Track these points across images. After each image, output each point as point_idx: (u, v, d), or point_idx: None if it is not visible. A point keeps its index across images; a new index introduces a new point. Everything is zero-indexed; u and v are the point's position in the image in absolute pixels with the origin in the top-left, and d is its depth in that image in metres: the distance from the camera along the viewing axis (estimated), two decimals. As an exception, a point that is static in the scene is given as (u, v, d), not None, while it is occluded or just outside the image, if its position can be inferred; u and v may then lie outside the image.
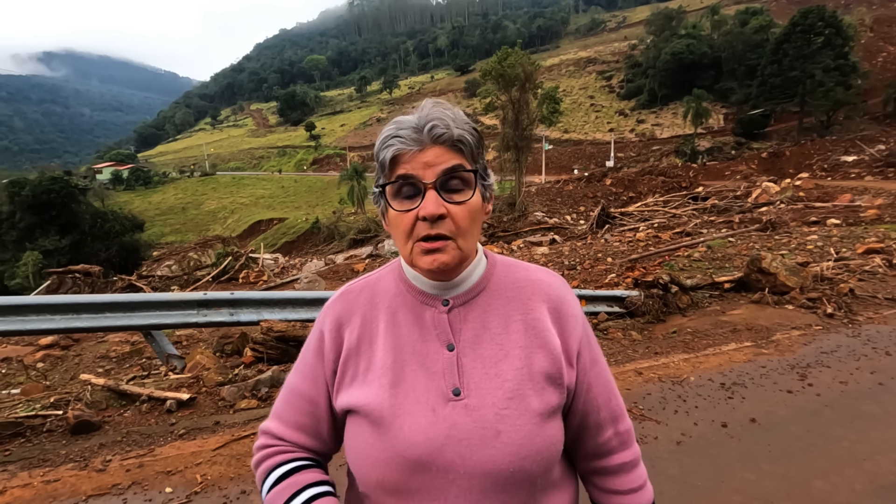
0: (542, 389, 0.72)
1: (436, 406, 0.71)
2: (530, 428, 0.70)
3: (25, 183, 27.16)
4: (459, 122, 0.71)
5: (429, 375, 0.73)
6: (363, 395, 0.75)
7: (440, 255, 0.71)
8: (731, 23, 61.50)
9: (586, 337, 0.80)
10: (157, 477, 2.45)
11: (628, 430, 0.83)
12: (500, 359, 0.73)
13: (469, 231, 0.72)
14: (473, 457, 0.68)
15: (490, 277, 0.80)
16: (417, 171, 0.69)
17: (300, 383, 0.82)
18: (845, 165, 26.42)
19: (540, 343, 0.75)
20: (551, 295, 0.79)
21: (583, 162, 50.58)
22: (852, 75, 39.02)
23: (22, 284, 22.56)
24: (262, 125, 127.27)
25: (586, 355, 0.79)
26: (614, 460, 0.81)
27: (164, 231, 54.77)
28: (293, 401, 0.82)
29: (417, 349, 0.75)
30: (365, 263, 13.47)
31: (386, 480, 0.72)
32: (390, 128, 0.72)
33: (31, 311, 3.55)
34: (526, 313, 0.76)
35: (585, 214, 19.67)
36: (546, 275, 0.82)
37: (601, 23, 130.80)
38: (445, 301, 0.77)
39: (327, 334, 0.81)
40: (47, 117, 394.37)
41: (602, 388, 0.80)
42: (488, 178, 0.77)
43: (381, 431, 0.72)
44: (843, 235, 8.79)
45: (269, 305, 4.16)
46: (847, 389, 3.26)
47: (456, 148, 0.71)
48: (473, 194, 0.71)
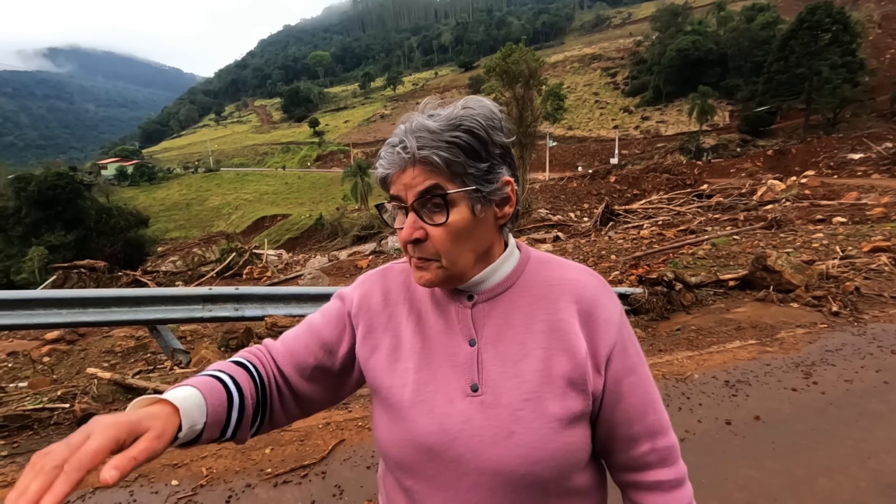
0: (562, 394, 0.70)
1: (453, 398, 0.71)
2: (545, 432, 0.68)
3: (31, 178, 27.29)
4: (434, 135, 0.66)
5: (451, 367, 0.73)
6: (387, 375, 0.76)
7: (424, 273, 0.71)
8: (738, 19, 61.05)
9: (622, 344, 0.74)
10: (163, 470, 2.47)
11: (670, 447, 0.77)
12: (521, 358, 0.72)
13: (452, 251, 0.69)
14: (484, 453, 0.68)
15: (520, 274, 0.77)
16: (401, 192, 0.69)
17: (322, 326, 0.83)
18: (852, 163, 26.24)
19: (562, 346, 0.71)
20: (584, 296, 0.74)
21: (587, 159, 50.45)
22: (860, 72, 38.73)
23: (28, 279, 22.70)
24: (266, 121, 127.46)
25: (619, 363, 0.73)
26: (650, 476, 0.76)
27: (168, 227, 55.03)
28: (304, 337, 0.82)
29: (443, 340, 0.75)
30: (368, 260, 13.49)
31: (403, 461, 0.74)
32: (387, 143, 0.71)
33: (39, 305, 3.57)
34: (552, 313, 0.73)
35: (589, 212, 19.62)
36: (582, 274, 0.77)
37: (606, 19, 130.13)
38: (470, 296, 0.76)
39: (362, 299, 0.82)
40: (52, 113, 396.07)
41: (637, 401, 0.75)
42: (490, 182, 0.69)
43: (400, 414, 0.74)
44: (848, 233, 8.74)
45: (273, 301, 4.17)
46: (852, 388, 3.25)
47: (432, 167, 0.66)
48: (449, 216, 0.67)
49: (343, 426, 2.91)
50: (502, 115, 0.72)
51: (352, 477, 2.42)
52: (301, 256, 17.75)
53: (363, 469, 2.49)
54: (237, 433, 0.72)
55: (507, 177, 0.71)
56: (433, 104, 0.71)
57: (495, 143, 0.70)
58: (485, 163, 0.69)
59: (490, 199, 0.70)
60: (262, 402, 0.76)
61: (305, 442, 2.73)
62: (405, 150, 0.67)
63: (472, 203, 0.69)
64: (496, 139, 0.70)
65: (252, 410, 0.73)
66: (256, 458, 2.58)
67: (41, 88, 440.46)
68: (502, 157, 0.71)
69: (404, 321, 0.79)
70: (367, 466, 2.51)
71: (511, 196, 0.73)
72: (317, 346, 0.81)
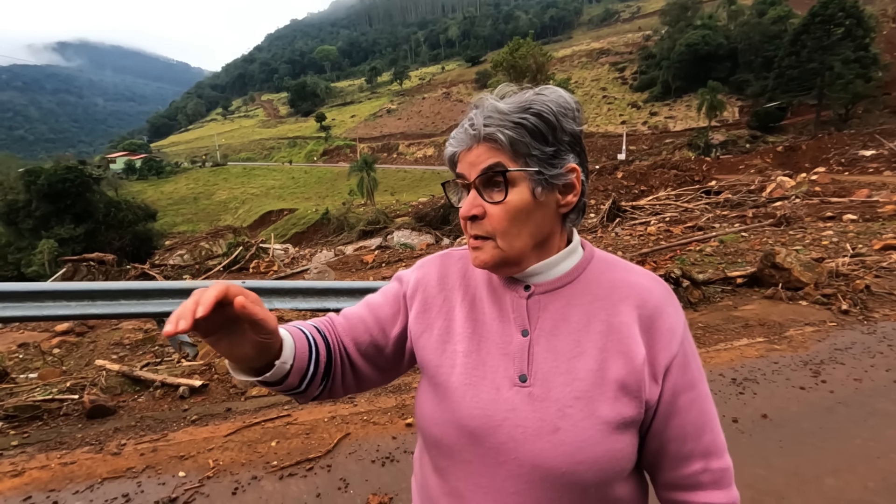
0: (615, 398, 0.68)
1: (501, 386, 0.71)
2: (593, 434, 0.67)
3: (41, 172, 27.54)
4: (502, 115, 0.67)
5: (501, 355, 0.73)
6: (437, 355, 0.77)
7: (479, 253, 0.72)
8: (749, 13, 60.28)
9: (683, 357, 0.72)
10: (170, 461, 2.49)
11: (725, 470, 0.74)
12: (575, 356, 0.70)
13: (509, 231, 0.69)
14: (526, 444, 0.68)
15: (581, 271, 0.76)
16: (465, 170, 0.71)
17: (380, 305, 0.85)
18: (863, 160, 25.87)
19: (620, 349, 0.70)
20: (649, 302, 0.72)
21: (594, 155, 50.11)
22: (873, 67, 38.15)
23: (38, 272, 22.94)
24: (273, 116, 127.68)
25: (678, 376, 0.71)
26: (701, 497, 0.73)
27: (176, 221, 55.37)
28: (363, 314, 0.84)
29: (495, 328, 0.75)
30: (374, 255, 13.50)
31: (442, 441, 0.74)
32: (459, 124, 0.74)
33: (49, 297, 3.61)
34: (612, 315, 0.72)
35: (596, 208, 19.51)
36: (649, 280, 0.76)
37: (615, 13, 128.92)
38: (527, 286, 0.75)
39: (419, 280, 0.84)
40: (62, 107, 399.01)
41: (695, 418, 0.72)
42: (554, 167, 0.69)
43: (446, 395, 0.74)
44: (859, 231, 8.63)
45: (280, 295, 4.19)
46: (861, 387, 3.21)
47: (496, 144, 0.68)
48: (507, 194, 0.68)
49: (348, 420, 2.92)
50: (578, 106, 0.72)
51: (357, 470, 2.43)
52: (307, 251, 17.82)
53: (368, 463, 2.50)
54: (309, 387, 0.75)
55: (572, 164, 0.71)
56: (509, 89, 0.73)
57: (564, 130, 0.70)
58: (551, 147, 0.69)
59: (552, 183, 0.70)
60: (328, 367, 0.78)
61: (311, 435, 2.75)
62: (472, 127, 0.69)
63: (533, 185, 0.69)
64: (566, 126, 0.70)
65: (323, 370, 0.76)
66: (262, 450, 2.60)
67: (51, 82, 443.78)
68: (571, 144, 0.71)
69: (458, 306, 0.79)
70: (372, 460, 2.52)
71: (576, 184, 0.72)
72: (373, 323, 0.83)
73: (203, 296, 0.56)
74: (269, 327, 0.62)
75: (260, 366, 0.67)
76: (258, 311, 0.60)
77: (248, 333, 0.62)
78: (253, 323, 0.60)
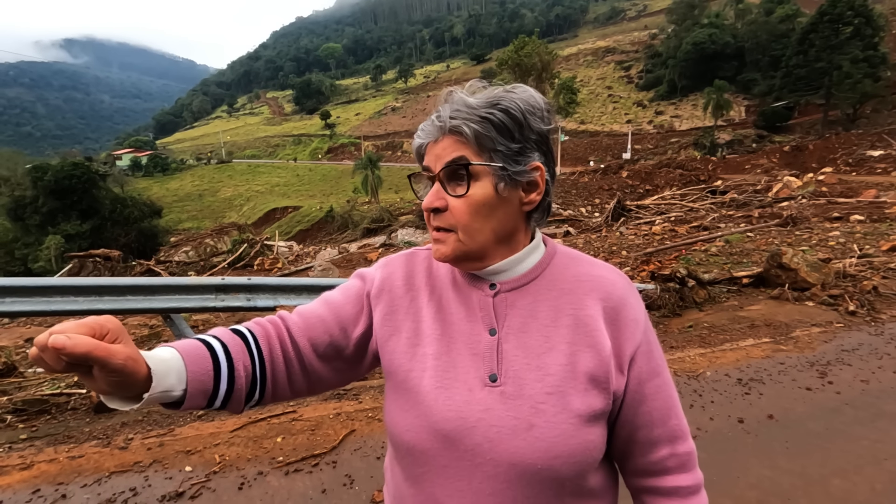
0: (585, 391, 0.69)
1: (473, 387, 0.71)
2: (566, 427, 0.67)
3: (48, 168, 27.77)
4: (470, 109, 0.67)
5: (471, 356, 0.72)
6: (407, 359, 0.75)
7: (440, 245, 0.72)
8: (756, 12, 59.91)
9: (647, 345, 0.74)
10: (176, 456, 2.51)
11: (689, 453, 0.77)
12: (545, 351, 0.71)
13: (471, 225, 0.69)
14: (502, 444, 0.67)
15: (545, 266, 0.77)
16: (430, 162, 0.71)
17: (341, 304, 0.81)
18: (871, 160, 25.66)
19: (588, 342, 0.71)
20: (612, 294, 0.74)
21: (599, 154, 49.97)
22: (881, 67, 37.80)
23: (45, 267, 23.14)
24: (278, 113, 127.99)
25: (643, 364, 0.73)
26: (669, 482, 0.75)
27: (181, 217, 55.60)
28: (322, 313, 0.80)
29: (464, 328, 0.74)
30: (378, 252, 13.53)
31: (416, 448, 0.72)
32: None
33: (56, 292, 3.63)
34: (579, 308, 0.72)
35: (600, 207, 19.47)
36: (611, 273, 0.77)
37: (621, 11, 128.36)
38: (492, 285, 0.75)
39: (384, 281, 0.82)
40: (68, 104, 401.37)
41: (660, 405, 0.74)
42: (518, 163, 0.69)
43: (417, 399, 0.72)
44: (866, 232, 8.58)
45: (285, 292, 4.20)
46: (868, 388, 3.20)
47: (461, 137, 0.68)
48: (469, 188, 0.68)
49: (354, 416, 2.93)
50: (548, 107, 0.72)
51: (362, 467, 2.44)
52: (311, 248, 17.86)
53: (373, 459, 2.51)
54: (228, 404, 0.70)
55: (537, 162, 0.71)
56: (479, 85, 0.73)
57: (531, 128, 0.70)
58: (517, 144, 0.69)
59: (516, 180, 0.70)
60: (261, 374, 0.73)
61: (316, 432, 2.76)
62: (439, 119, 0.69)
63: (496, 180, 0.69)
64: (533, 124, 0.69)
65: (245, 382, 0.71)
66: (268, 446, 2.61)
67: (57, 79, 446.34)
68: (537, 143, 0.71)
69: (425, 307, 0.78)
70: (378, 457, 2.52)
71: (540, 183, 0.72)
72: (333, 322, 0.80)
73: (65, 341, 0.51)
74: (112, 366, 0.54)
75: (131, 396, 0.59)
76: (99, 354, 0.52)
77: (95, 370, 0.54)
78: (96, 363, 0.53)
